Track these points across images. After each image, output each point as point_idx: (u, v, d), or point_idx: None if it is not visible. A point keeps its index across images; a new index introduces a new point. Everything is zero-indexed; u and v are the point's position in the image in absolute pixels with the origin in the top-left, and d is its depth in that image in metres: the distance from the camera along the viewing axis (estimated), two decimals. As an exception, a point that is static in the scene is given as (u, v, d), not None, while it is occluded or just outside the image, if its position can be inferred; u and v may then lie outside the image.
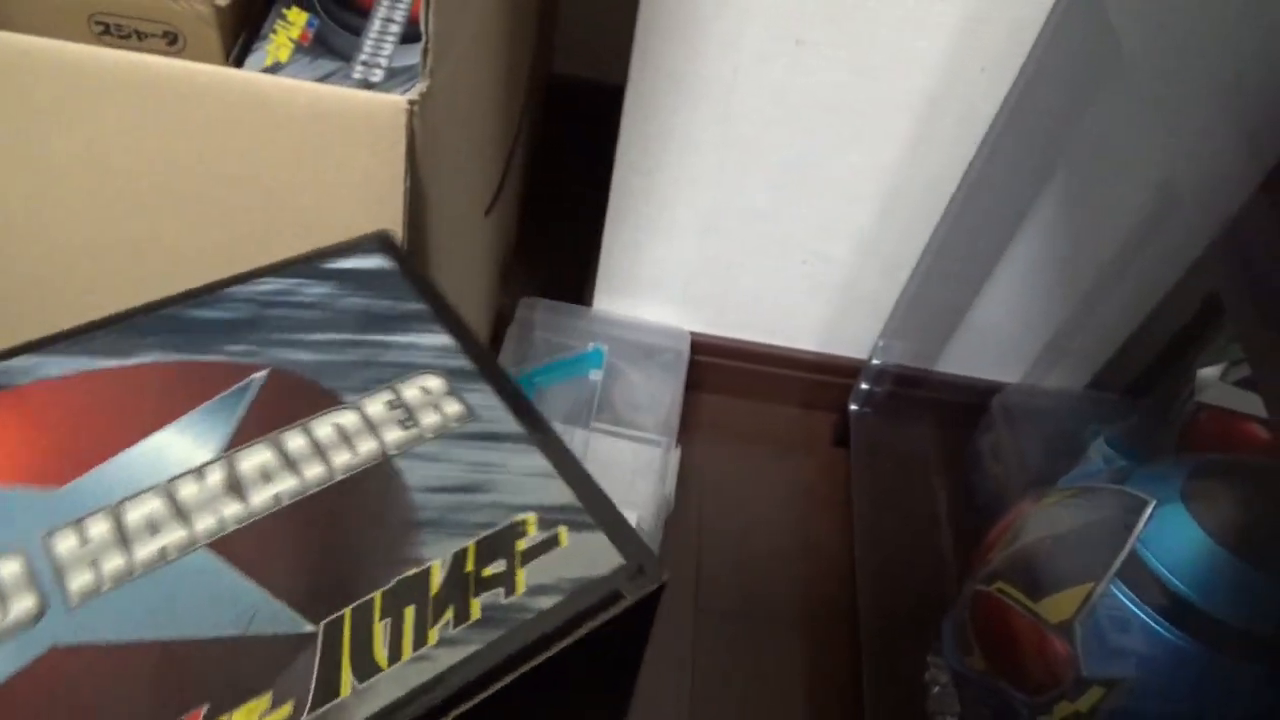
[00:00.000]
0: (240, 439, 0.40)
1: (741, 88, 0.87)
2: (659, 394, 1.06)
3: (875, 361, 1.04)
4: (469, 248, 0.82)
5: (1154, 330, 1.03)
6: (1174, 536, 0.60)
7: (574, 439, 0.99)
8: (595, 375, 1.04)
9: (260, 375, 0.42)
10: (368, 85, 0.62)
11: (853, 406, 1.08)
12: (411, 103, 0.53)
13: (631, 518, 0.93)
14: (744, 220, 0.98)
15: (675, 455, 1.00)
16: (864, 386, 1.07)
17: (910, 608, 0.94)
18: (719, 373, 1.14)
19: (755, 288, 1.05)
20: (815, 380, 1.14)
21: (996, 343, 1.08)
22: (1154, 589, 0.60)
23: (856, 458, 1.06)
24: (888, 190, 0.94)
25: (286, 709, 0.32)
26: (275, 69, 0.62)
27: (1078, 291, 1.02)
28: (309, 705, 0.32)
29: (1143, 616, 0.60)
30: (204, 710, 0.31)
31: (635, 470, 0.98)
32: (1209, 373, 0.81)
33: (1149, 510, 0.61)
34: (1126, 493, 0.64)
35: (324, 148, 0.55)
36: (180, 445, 0.39)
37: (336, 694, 0.32)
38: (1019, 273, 1.00)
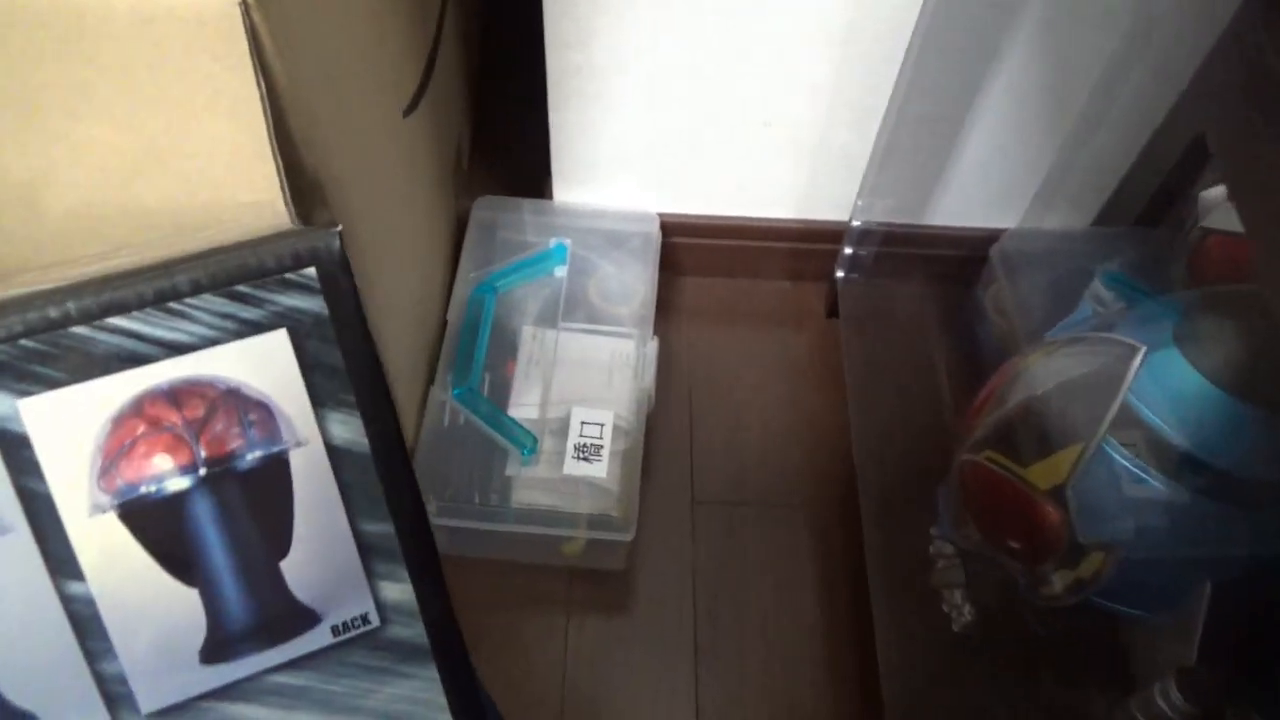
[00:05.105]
0: None
1: (669, -65, 0.78)
2: (631, 283, 1.00)
3: (856, 223, 0.97)
4: (386, 157, 0.75)
5: (1157, 155, 0.94)
6: (1168, 383, 0.54)
7: (544, 340, 0.94)
8: (560, 271, 0.98)
9: None
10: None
11: (839, 274, 1.02)
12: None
13: (608, 416, 0.88)
14: (694, 84, 0.90)
15: (653, 346, 0.95)
16: (848, 251, 1.00)
17: (912, 479, 0.89)
18: (695, 253, 1.07)
19: (719, 157, 0.98)
20: (799, 249, 1.07)
21: (988, 187, 1.00)
22: (1149, 442, 0.54)
23: (847, 327, 1.00)
24: (843, 30, 0.85)
25: None
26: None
27: (1069, 120, 0.93)
28: None
29: (1138, 473, 0.55)
30: None
31: (611, 367, 0.93)
32: (1213, 194, 0.73)
33: (1139, 357, 0.55)
34: (1115, 340, 0.58)
35: (159, 61, 0.49)
36: None
37: None
38: (1002, 107, 0.91)
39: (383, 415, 0.35)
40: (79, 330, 0.32)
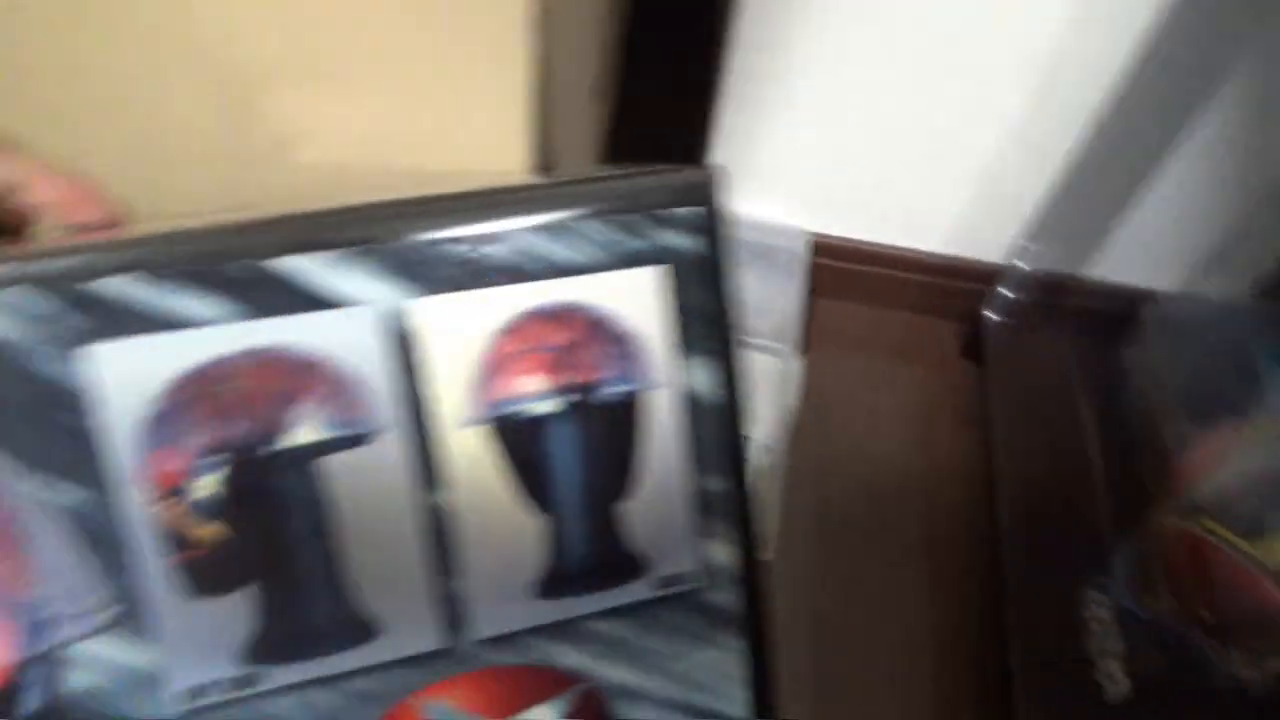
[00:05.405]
0: None
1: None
2: (774, 298, 0.97)
3: (1020, 264, 0.94)
4: (580, 137, 0.72)
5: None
6: None
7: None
8: (706, 278, 0.95)
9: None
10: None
11: (990, 315, 0.98)
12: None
13: (754, 430, 0.85)
14: (873, 104, 0.87)
15: (796, 364, 0.92)
16: (1004, 293, 0.97)
17: (1057, 536, 0.85)
18: (834, 275, 1.04)
19: (880, 182, 0.95)
20: (942, 285, 1.04)
21: (1154, 245, 0.96)
22: None
23: (994, 370, 0.97)
24: (1040, 72, 0.82)
25: None
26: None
27: (1253, 191, 0.90)
28: None
29: (1396, 564, 0.51)
30: None
31: (752, 380, 0.90)
32: None
33: None
34: (1374, 418, 0.54)
35: (440, 15, 0.46)
36: None
37: None
38: (1188, 167, 0.88)
39: (738, 368, 0.33)
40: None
